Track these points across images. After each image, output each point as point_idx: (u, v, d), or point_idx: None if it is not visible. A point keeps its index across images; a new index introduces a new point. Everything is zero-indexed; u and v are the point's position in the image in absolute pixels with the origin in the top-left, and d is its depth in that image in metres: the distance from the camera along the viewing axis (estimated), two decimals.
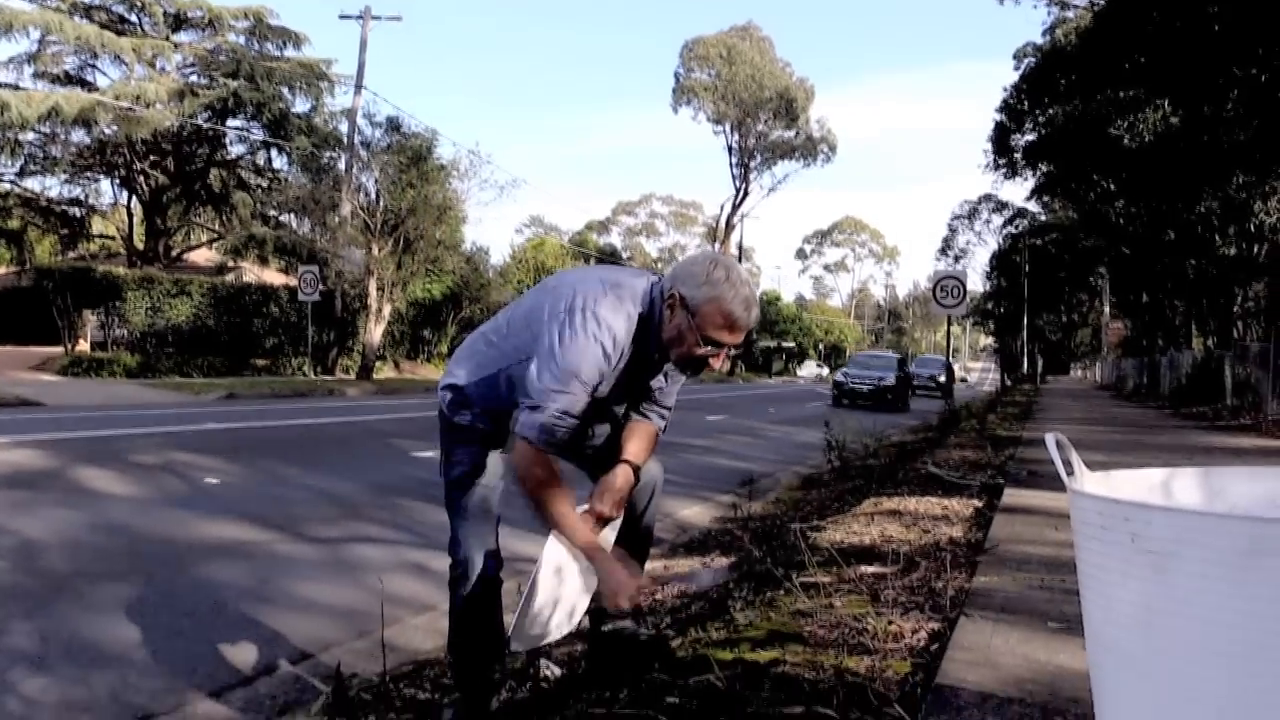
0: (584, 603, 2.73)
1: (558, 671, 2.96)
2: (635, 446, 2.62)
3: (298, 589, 4.47)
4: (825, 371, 34.08)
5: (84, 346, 21.82)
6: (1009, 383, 36.96)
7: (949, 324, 19.49)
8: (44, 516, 5.58)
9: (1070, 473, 1.49)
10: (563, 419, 2.35)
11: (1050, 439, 1.51)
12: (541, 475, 2.39)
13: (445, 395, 2.69)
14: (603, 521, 2.56)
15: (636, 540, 2.81)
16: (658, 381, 2.60)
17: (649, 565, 3.16)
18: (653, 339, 2.42)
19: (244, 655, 3.58)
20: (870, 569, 3.25)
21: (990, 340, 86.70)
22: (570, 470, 2.86)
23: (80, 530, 5.34)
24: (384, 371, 27.84)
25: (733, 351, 2.42)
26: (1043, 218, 48.14)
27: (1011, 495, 4.86)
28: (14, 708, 3.00)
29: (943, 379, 34.91)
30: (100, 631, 3.70)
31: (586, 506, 2.58)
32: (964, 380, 68.89)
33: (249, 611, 4.07)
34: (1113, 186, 26.56)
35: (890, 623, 2.49)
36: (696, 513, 6.78)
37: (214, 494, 6.67)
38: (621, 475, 2.57)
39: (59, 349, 21.42)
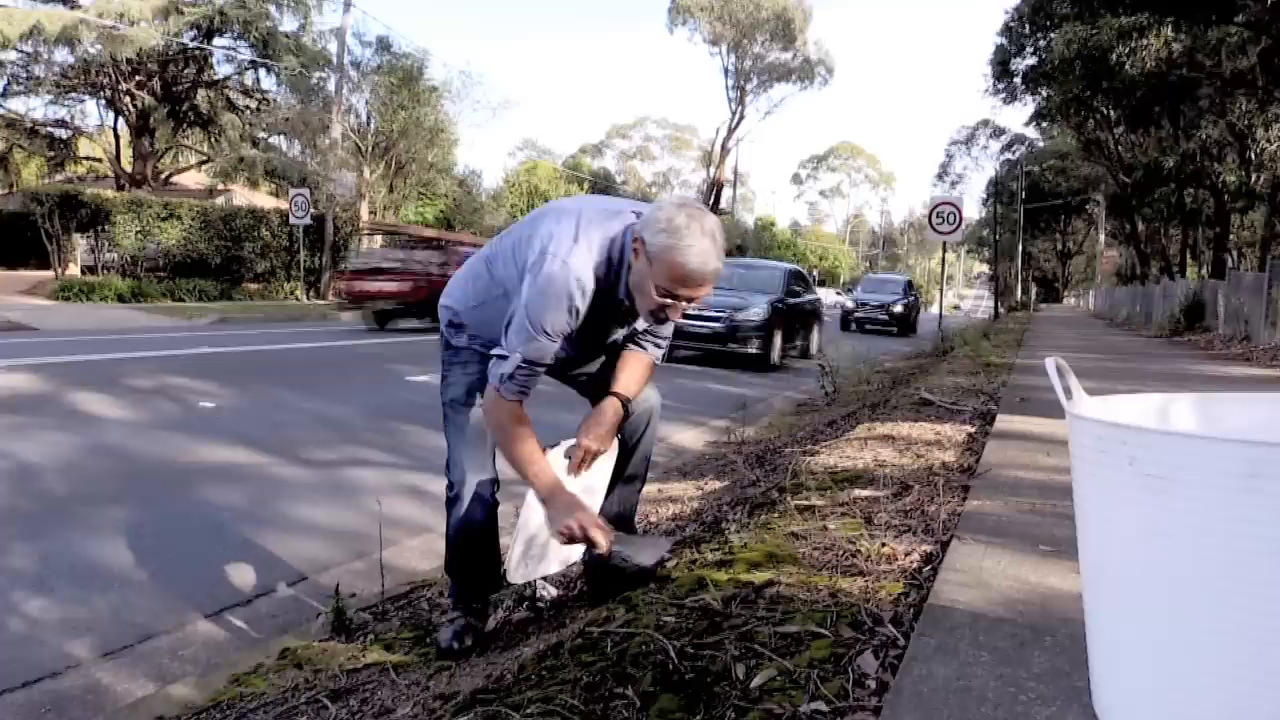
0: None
1: (554, 593, 2.99)
2: (626, 378, 2.60)
3: (295, 511, 4.51)
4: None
5: (74, 270, 21.65)
6: (1002, 310, 35.72)
7: (944, 251, 19.44)
8: (40, 440, 5.59)
9: (1069, 397, 1.49)
10: (529, 369, 2.37)
11: (1050, 364, 1.51)
12: (504, 422, 2.42)
13: (443, 315, 2.73)
14: (592, 454, 2.55)
15: (632, 470, 2.81)
16: (644, 322, 2.56)
17: (646, 489, 3.18)
18: (623, 285, 2.37)
19: (243, 576, 3.62)
20: (864, 493, 3.28)
21: (985, 268, 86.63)
22: (569, 396, 2.87)
23: (77, 453, 5.36)
24: None
25: (688, 306, 2.32)
26: (1041, 144, 47.80)
27: (1004, 421, 4.88)
28: (17, 627, 3.04)
29: (901, 308, 26.96)
30: (100, 553, 3.73)
31: (574, 441, 2.57)
32: (957, 308, 68.90)
33: (247, 533, 4.11)
34: (1112, 113, 26.25)
35: (883, 545, 2.51)
36: (691, 437, 6.82)
37: (210, 418, 6.69)
38: (609, 409, 2.56)
39: (49, 273, 21.25)
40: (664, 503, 4.38)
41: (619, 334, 2.60)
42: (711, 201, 46.47)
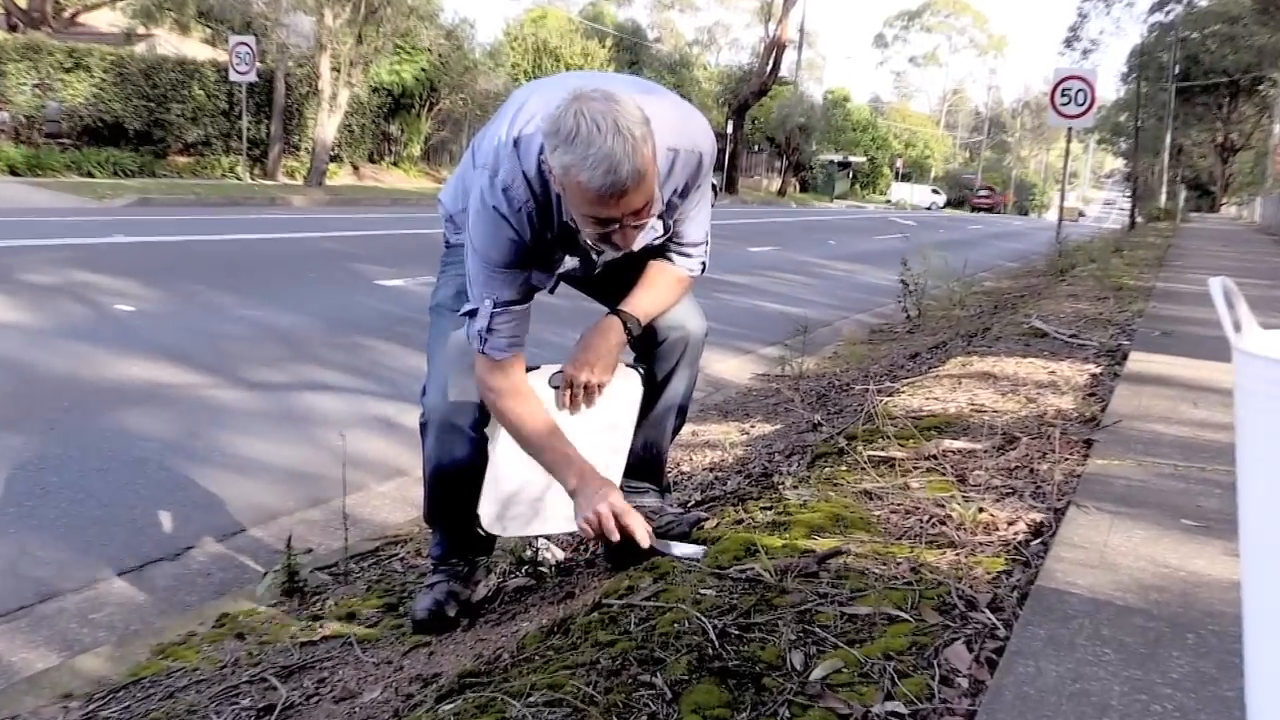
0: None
1: (561, 555, 3.02)
2: (642, 294, 2.55)
3: (236, 445, 4.56)
4: (940, 200, 22.14)
5: None
6: (1140, 219, 35.11)
7: (1068, 140, 19.19)
8: None
9: (1238, 330, 1.46)
10: (505, 311, 2.33)
11: (1216, 285, 1.48)
12: (501, 398, 2.41)
13: (441, 211, 2.74)
14: (583, 385, 2.51)
15: (660, 410, 2.80)
16: (649, 235, 2.42)
17: (680, 434, 3.18)
18: (565, 206, 2.26)
19: (170, 524, 3.67)
20: (956, 444, 3.28)
21: (1120, 164, 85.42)
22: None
23: None
24: (339, 176, 27.71)
25: (635, 222, 2.17)
26: (1204, 2, 46.68)
27: (1139, 360, 4.85)
28: None
29: None
30: None
31: (559, 368, 2.54)
32: (1082, 215, 68.22)
33: (176, 470, 4.17)
34: None
35: (980, 511, 2.52)
36: (734, 367, 6.83)
37: (128, 324, 6.74)
38: (607, 330, 2.52)
39: None
40: (699, 448, 4.40)
41: (612, 255, 2.49)
42: (770, 68, 45.64)
